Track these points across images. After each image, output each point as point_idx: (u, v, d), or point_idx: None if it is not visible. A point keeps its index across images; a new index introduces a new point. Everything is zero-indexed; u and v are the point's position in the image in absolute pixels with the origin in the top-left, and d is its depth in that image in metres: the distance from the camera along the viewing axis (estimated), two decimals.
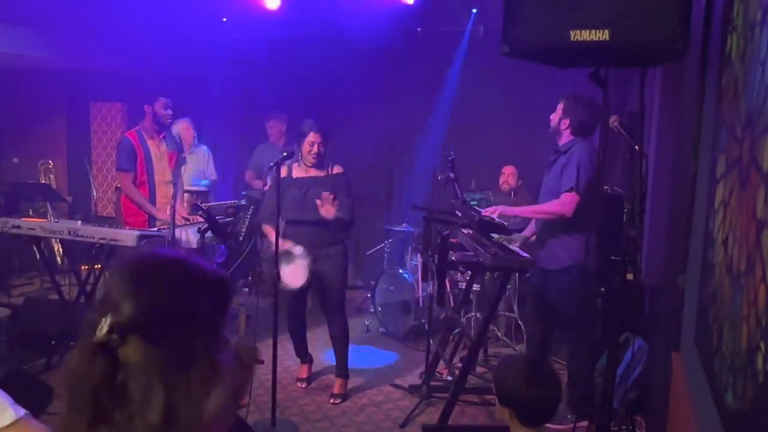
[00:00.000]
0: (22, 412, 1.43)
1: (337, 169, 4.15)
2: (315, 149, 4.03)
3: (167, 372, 1.02)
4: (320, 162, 4.10)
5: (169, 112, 4.67)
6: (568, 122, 3.77)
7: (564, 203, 3.65)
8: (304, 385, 4.37)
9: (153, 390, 1.00)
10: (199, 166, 6.01)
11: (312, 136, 4.03)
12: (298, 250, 3.95)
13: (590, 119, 3.75)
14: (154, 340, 1.02)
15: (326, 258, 4.09)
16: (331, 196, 4.00)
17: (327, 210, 3.96)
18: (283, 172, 4.09)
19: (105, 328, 0.99)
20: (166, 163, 4.67)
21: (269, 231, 4.01)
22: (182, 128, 5.79)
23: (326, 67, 6.37)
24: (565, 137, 3.80)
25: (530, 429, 2.07)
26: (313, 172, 4.12)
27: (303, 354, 4.46)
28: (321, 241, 4.07)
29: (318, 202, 3.97)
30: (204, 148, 6.12)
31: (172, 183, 4.65)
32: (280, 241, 3.95)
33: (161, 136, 4.69)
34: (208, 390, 1.06)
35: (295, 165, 4.15)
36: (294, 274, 3.97)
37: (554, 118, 3.84)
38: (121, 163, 4.60)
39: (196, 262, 1.12)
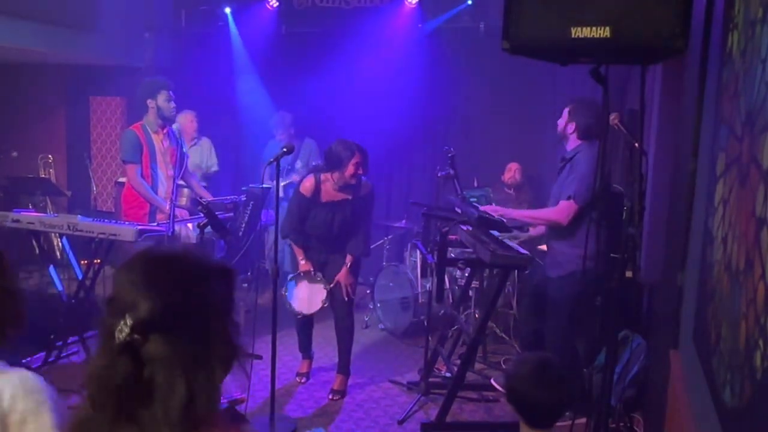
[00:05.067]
0: None
1: (365, 190, 4.12)
2: (360, 171, 3.96)
3: (191, 361, 1.05)
4: (347, 187, 4.03)
5: (173, 105, 4.62)
6: (574, 126, 3.73)
7: (560, 211, 3.66)
8: (303, 380, 4.38)
9: (177, 383, 1.03)
10: (202, 158, 6.01)
11: (356, 158, 3.91)
12: (319, 277, 4.13)
13: (597, 123, 3.69)
14: (175, 333, 1.05)
15: (340, 259, 4.14)
16: (345, 286, 4.13)
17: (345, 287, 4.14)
18: (309, 189, 4.06)
19: (126, 329, 1.01)
20: (169, 158, 4.65)
21: (298, 252, 4.19)
22: (186, 120, 5.80)
23: (325, 62, 6.37)
24: (572, 142, 3.77)
25: (536, 430, 2.06)
26: (343, 194, 4.06)
27: (306, 350, 4.46)
28: (339, 247, 4.16)
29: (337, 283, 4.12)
30: (205, 139, 6.11)
31: (173, 178, 4.63)
32: (303, 262, 4.16)
33: (165, 131, 4.67)
34: (227, 371, 1.11)
35: (324, 183, 4.06)
36: (310, 298, 4.14)
37: (561, 123, 3.81)
38: (127, 155, 4.55)
39: (197, 254, 1.15)
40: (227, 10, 6.70)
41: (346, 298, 4.15)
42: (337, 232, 4.11)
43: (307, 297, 4.16)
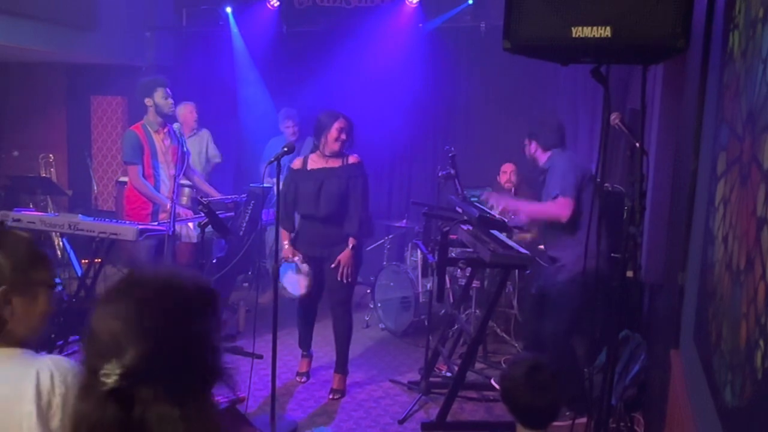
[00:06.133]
0: None
1: (353, 159, 4.11)
2: (343, 136, 4.01)
3: (181, 396, 1.01)
4: (342, 150, 4.07)
5: (170, 101, 4.63)
6: (535, 145, 3.87)
7: (560, 207, 3.65)
8: (303, 380, 4.38)
9: (175, 420, 0.99)
10: (201, 148, 6.03)
11: (339, 122, 4.01)
12: (303, 266, 4.09)
13: (557, 132, 3.85)
14: (165, 375, 1.00)
15: (337, 252, 4.08)
16: (344, 267, 4.06)
17: (343, 268, 4.06)
18: (298, 164, 4.17)
19: (114, 377, 0.97)
20: (171, 157, 4.65)
21: (284, 236, 4.15)
22: (186, 111, 5.83)
23: (326, 62, 6.37)
24: (541, 157, 3.87)
25: (532, 431, 2.07)
26: (330, 163, 4.09)
27: (306, 346, 4.43)
28: (333, 239, 4.09)
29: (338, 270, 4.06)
30: (205, 130, 6.13)
31: (174, 176, 4.62)
32: (288, 249, 4.13)
33: (165, 130, 4.67)
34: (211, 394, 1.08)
35: (311, 156, 4.15)
36: (296, 282, 4.10)
37: (526, 151, 3.96)
38: (128, 156, 4.55)
39: (185, 279, 1.09)
40: (228, 9, 6.70)
41: (344, 280, 4.07)
42: (325, 209, 4.02)
43: (296, 280, 4.14)
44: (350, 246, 4.06)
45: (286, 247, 4.13)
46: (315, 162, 4.12)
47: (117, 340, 1.00)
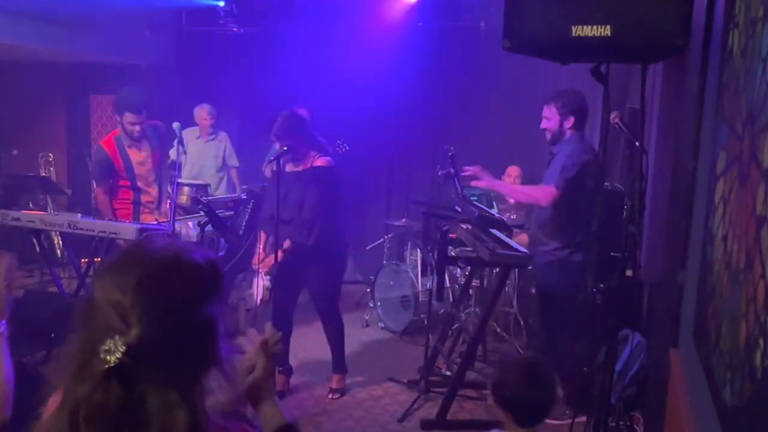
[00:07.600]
0: None
1: (319, 162, 3.89)
2: (277, 145, 3.94)
3: (181, 378, 0.98)
4: (295, 159, 3.91)
5: (136, 128, 4.42)
6: (573, 120, 3.68)
7: (543, 192, 3.61)
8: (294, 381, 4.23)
9: (173, 403, 0.95)
10: (218, 152, 6.02)
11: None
12: (266, 277, 3.97)
13: (579, 101, 3.70)
14: (168, 354, 0.97)
15: (304, 264, 3.94)
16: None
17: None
18: (289, 168, 4.06)
19: (117, 353, 0.92)
20: (149, 166, 4.57)
21: (262, 237, 4.06)
22: (200, 116, 5.87)
23: (325, 61, 6.37)
24: (568, 136, 3.73)
25: (527, 429, 2.07)
26: (298, 167, 3.94)
27: (283, 361, 4.15)
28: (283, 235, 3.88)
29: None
30: (223, 134, 6.10)
31: (157, 181, 4.56)
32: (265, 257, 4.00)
33: (140, 144, 4.54)
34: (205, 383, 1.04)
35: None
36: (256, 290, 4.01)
37: (553, 122, 3.72)
38: (93, 175, 4.61)
39: (189, 256, 1.06)
40: (227, 9, 6.70)
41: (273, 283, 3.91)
42: (287, 214, 3.84)
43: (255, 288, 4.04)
44: (284, 247, 3.82)
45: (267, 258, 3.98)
46: (292, 165, 3.98)
47: (122, 313, 0.94)
